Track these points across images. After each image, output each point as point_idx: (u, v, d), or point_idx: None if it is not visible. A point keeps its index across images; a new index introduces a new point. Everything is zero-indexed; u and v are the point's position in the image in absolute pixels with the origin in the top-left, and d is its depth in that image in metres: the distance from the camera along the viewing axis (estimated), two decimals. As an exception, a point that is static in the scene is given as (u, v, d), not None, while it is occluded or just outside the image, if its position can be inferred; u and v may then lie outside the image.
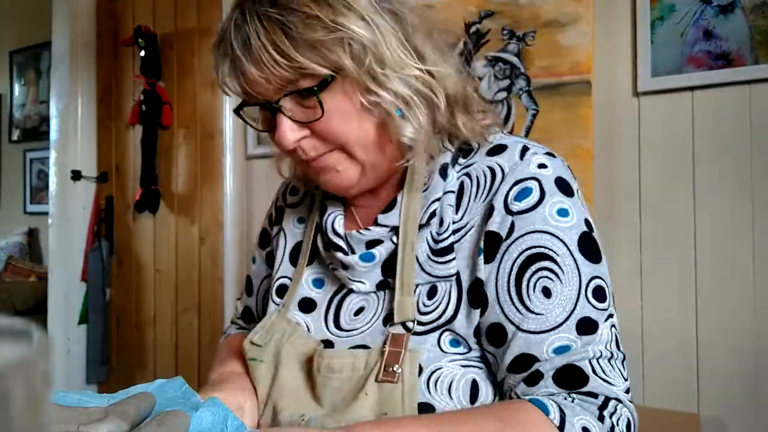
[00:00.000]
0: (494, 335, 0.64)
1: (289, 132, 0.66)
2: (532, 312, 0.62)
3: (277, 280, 0.81)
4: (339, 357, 0.66)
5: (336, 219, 0.75)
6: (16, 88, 4.16)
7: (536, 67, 1.58)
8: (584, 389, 0.59)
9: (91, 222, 2.66)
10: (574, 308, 0.61)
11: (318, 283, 0.77)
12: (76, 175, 2.65)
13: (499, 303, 0.63)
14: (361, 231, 0.72)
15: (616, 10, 1.50)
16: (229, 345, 0.87)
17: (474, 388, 0.64)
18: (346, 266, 0.72)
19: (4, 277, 3.54)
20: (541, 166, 0.66)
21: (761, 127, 1.34)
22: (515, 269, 0.63)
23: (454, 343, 0.65)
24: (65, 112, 2.67)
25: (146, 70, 2.44)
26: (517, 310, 0.62)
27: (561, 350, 0.60)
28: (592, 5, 1.51)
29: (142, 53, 2.44)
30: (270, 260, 0.88)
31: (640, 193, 1.47)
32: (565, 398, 0.58)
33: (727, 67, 1.36)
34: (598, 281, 0.63)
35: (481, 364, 0.65)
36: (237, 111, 0.72)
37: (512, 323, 0.62)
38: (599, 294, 0.63)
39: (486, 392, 0.65)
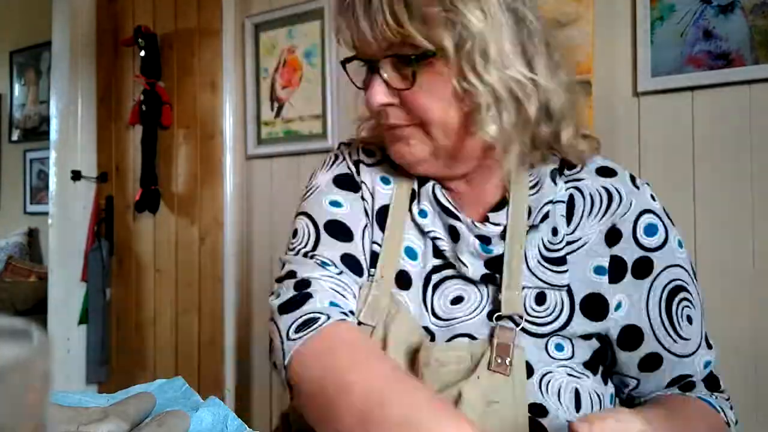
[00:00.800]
0: (650, 363, 0.71)
1: (379, 94, 0.67)
2: (683, 338, 0.71)
3: (370, 246, 0.75)
4: (445, 350, 0.68)
5: (440, 190, 0.73)
6: (16, 88, 4.16)
7: (536, 67, 1.58)
8: (720, 389, 0.74)
9: (91, 222, 2.66)
10: (701, 327, 0.72)
11: (411, 254, 0.74)
12: (76, 175, 2.65)
13: (655, 335, 0.70)
14: (476, 224, 0.71)
15: (616, 10, 1.50)
16: (358, 342, 0.67)
17: (577, 396, 0.68)
18: (456, 238, 0.71)
19: (4, 277, 3.54)
20: (653, 197, 0.74)
21: (761, 127, 1.34)
22: (663, 303, 0.70)
23: (560, 347, 0.69)
24: (65, 112, 2.67)
25: (146, 70, 2.44)
26: (673, 340, 0.71)
27: (707, 365, 0.72)
28: (592, 5, 1.51)
29: (142, 53, 2.44)
30: (364, 209, 0.78)
31: (640, 193, 1.47)
32: (716, 398, 0.72)
33: (727, 67, 1.36)
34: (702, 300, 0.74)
35: (581, 375, 0.70)
36: (343, 63, 0.73)
37: (668, 351, 0.71)
38: (704, 311, 0.74)
39: (587, 401, 0.69)
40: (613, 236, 0.70)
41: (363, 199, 0.77)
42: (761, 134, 1.34)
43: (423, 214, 0.73)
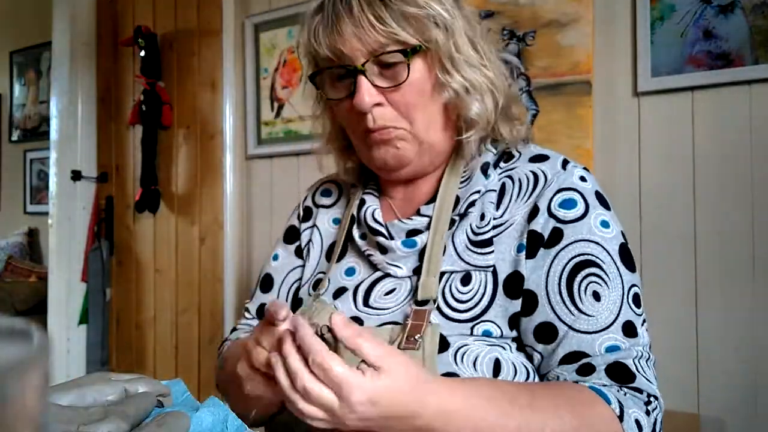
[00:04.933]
0: (544, 333, 0.69)
1: (368, 95, 0.72)
2: (584, 313, 0.68)
3: (315, 275, 0.86)
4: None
5: (374, 210, 0.81)
6: (16, 88, 4.15)
7: (536, 67, 1.58)
8: (632, 385, 0.65)
9: (91, 222, 2.66)
10: (619, 312, 0.67)
11: (350, 272, 0.82)
12: (76, 175, 2.65)
13: (550, 304, 0.69)
14: (402, 220, 0.79)
15: (616, 10, 1.50)
16: (238, 347, 0.86)
17: (496, 365, 0.68)
18: (384, 251, 0.78)
19: (4, 277, 3.54)
20: (582, 179, 0.74)
21: (761, 127, 1.34)
22: (566, 273, 0.69)
23: (488, 332, 0.70)
24: (65, 112, 2.67)
25: (146, 70, 2.44)
26: (569, 311, 0.68)
27: (612, 349, 0.66)
28: (592, 5, 1.51)
29: (142, 53, 2.44)
30: (299, 253, 0.92)
31: (640, 193, 1.47)
32: (618, 390, 0.64)
33: (727, 67, 1.36)
34: (635, 289, 0.70)
35: (505, 345, 0.70)
36: (311, 77, 0.79)
37: (564, 323, 0.68)
38: (637, 300, 0.70)
39: (507, 370, 0.69)
40: (532, 214, 0.72)
41: (310, 237, 0.90)
42: (761, 134, 1.34)
43: (362, 237, 0.82)
